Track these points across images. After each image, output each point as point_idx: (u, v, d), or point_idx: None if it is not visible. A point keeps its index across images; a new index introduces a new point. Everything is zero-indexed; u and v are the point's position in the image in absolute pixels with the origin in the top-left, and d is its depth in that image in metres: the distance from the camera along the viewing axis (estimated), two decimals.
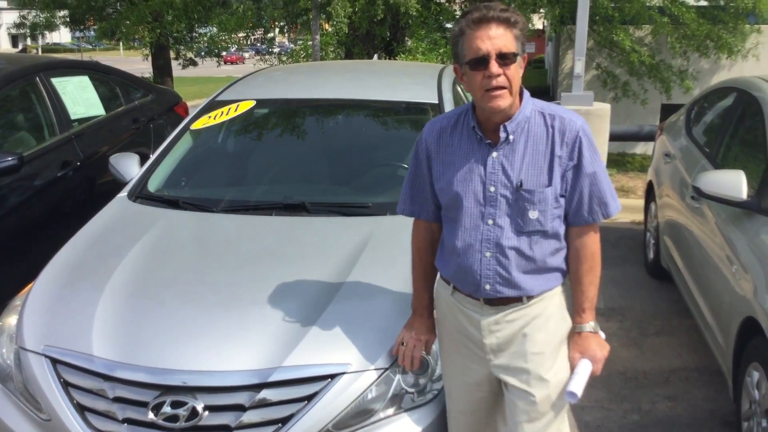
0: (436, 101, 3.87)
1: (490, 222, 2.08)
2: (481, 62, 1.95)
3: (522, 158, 2.06)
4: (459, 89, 4.39)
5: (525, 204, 2.05)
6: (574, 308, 2.21)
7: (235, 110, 3.93)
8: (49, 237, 4.36)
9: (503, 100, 1.98)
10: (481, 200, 2.09)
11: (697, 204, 4.05)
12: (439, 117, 2.27)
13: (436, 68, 4.70)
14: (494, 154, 2.08)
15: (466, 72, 2.02)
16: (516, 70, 1.98)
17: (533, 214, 2.06)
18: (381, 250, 2.90)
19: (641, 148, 10.35)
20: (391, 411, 2.39)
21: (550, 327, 2.18)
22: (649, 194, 5.69)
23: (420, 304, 2.40)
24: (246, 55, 41.21)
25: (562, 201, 2.09)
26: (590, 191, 2.08)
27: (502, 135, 2.06)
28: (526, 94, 2.10)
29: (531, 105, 2.09)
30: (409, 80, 4.54)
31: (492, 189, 2.07)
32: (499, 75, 1.94)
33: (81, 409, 2.39)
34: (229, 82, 4.47)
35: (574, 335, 2.21)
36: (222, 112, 3.94)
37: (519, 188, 2.05)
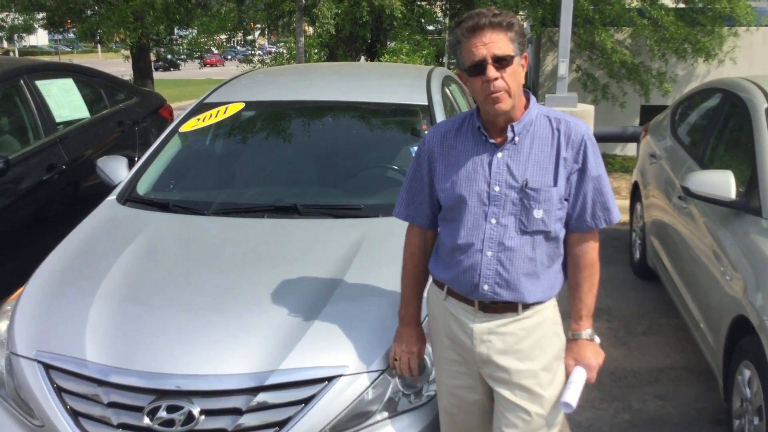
0: (425, 103, 3.87)
1: (494, 221, 2.08)
2: (478, 68, 1.98)
3: (527, 158, 2.07)
4: (448, 91, 4.39)
5: (530, 203, 2.06)
6: (572, 315, 2.22)
7: (224, 112, 3.90)
8: (34, 240, 4.33)
9: (504, 103, 2.00)
10: (485, 200, 2.09)
11: (685, 204, 4.08)
12: (444, 121, 2.28)
13: (425, 70, 4.68)
14: (499, 154, 2.09)
15: (468, 78, 2.04)
16: (514, 72, 1.99)
17: (538, 213, 2.06)
18: (375, 251, 2.89)
19: (621, 150, 10.43)
20: (387, 413, 2.38)
21: (544, 344, 2.17)
22: (635, 195, 5.72)
23: (408, 312, 2.37)
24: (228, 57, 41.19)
25: (566, 204, 2.10)
26: (594, 195, 2.10)
27: (509, 135, 2.07)
28: (533, 98, 2.13)
29: (537, 109, 2.12)
30: (398, 82, 4.53)
31: (497, 188, 2.07)
32: (496, 79, 1.96)
33: (75, 415, 2.36)
34: (210, 84, 4.45)
35: (570, 342, 2.22)
36: (211, 115, 3.90)
37: (524, 187, 2.06)
